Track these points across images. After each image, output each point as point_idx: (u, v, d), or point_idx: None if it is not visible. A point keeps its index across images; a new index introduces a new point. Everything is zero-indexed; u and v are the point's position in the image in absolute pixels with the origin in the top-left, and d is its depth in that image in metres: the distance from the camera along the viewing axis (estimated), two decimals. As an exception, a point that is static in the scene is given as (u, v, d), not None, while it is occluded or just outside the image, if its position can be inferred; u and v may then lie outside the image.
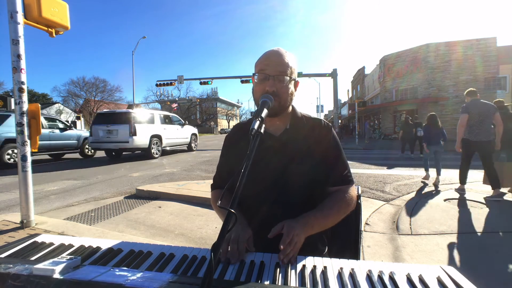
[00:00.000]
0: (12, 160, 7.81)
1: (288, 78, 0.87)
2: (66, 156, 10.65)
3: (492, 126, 3.99)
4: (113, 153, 10.33)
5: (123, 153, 10.52)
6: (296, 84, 0.94)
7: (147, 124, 9.50)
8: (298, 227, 0.79)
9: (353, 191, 0.96)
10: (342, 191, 0.94)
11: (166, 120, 10.88)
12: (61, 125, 9.56)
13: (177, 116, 12.48)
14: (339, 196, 0.92)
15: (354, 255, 1.08)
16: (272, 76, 0.86)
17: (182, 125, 11.88)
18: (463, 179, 4.27)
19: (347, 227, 1.05)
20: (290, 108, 0.97)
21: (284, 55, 0.89)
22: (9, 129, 7.72)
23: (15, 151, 7.80)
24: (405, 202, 3.95)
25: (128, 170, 7.29)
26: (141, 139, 9.06)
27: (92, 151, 10.57)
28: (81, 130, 10.88)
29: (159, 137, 9.95)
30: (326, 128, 0.98)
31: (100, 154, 10.99)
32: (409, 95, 19.76)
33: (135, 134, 8.83)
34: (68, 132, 9.63)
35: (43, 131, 9.09)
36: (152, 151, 9.60)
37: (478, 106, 3.93)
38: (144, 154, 9.81)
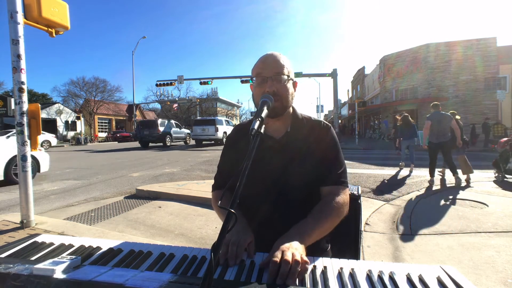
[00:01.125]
0: (169, 143, 16.79)
1: (286, 77, 0.88)
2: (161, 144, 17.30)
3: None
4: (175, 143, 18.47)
5: (203, 142, 17.52)
6: (294, 85, 0.95)
7: (220, 125, 16.67)
8: (289, 242, 0.72)
9: (346, 193, 0.92)
10: (333, 194, 0.89)
11: (227, 122, 18.14)
12: (178, 126, 18.54)
13: (231, 121, 19.76)
14: (330, 199, 0.88)
15: (354, 255, 1.08)
16: (270, 77, 0.87)
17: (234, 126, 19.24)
18: (432, 171, 5.34)
19: (347, 227, 1.04)
20: (291, 110, 0.97)
21: (279, 57, 0.90)
22: (165, 128, 16.63)
23: (168, 139, 16.73)
24: (405, 202, 3.95)
25: (128, 170, 7.30)
26: (219, 134, 16.36)
27: (190, 141, 19.25)
28: (186, 129, 19.99)
29: (226, 133, 16.97)
30: (325, 128, 0.98)
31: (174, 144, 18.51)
32: (409, 95, 19.75)
33: (217, 131, 16.18)
34: (182, 129, 18.88)
35: (177, 129, 18.93)
36: (224, 140, 16.97)
37: (438, 116, 5.20)
38: (218, 143, 16.85)
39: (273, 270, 0.62)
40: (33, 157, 6.08)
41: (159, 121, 16.56)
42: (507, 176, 5.50)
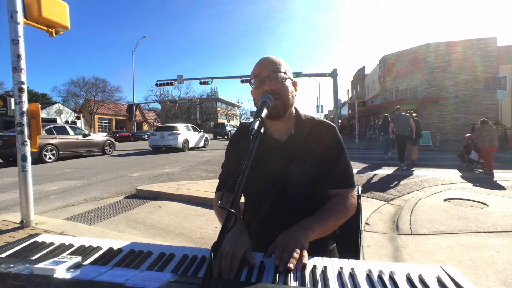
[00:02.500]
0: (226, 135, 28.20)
1: (283, 74, 0.88)
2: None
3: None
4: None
5: None
6: (294, 84, 0.94)
7: None
8: (291, 233, 0.77)
9: (353, 195, 0.93)
10: (341, 195, 0.91)
11: None
12: (233, 127, 29.54)
13: None
14: (337, 200, 0.90)
15: (354, 255, 1.08)
16: (267, 77, 0.87)
17: None
18: (401, 159, 7.17)
19: (347, 227, 1.04)
20: (294, 111, 0.96)
21: (275, 58, 0.91)
22: (228, 127, 29.74)
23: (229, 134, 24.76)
24: (405, 202, 3.95)
25: (128, 170, 7.29)
26: None
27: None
28: (231, 127, 28.07)
29: None
30: (328, 128, 0.97)
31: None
32: (409, 95, 19.73)
33: None
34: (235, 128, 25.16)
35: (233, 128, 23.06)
36: None
37: (400, 117, 7.27)
38: None
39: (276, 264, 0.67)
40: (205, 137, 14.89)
41: (226, 122, 28.23)
42: (470, 165, 6.79)
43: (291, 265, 0.65)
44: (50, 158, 9.23)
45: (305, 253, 0.70)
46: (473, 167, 6.69)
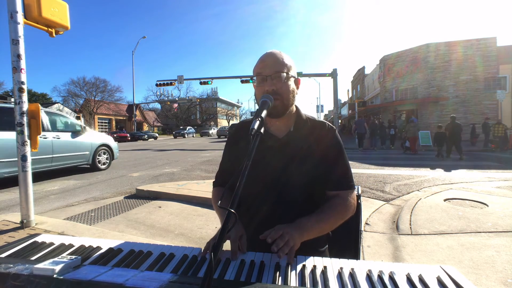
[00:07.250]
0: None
1: (285, 74, 0.86)
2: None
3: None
4: None
5: None
6: (297, 82, 0.92)
7: None
8: (289, 228, 0.78)
9: (353, 197, 0.93)
10: (340, 197, 0.91)
11: None
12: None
13: None
14: (337, 201, 0.90)
15: (354, 255, 1.08)
16: (269, 76, 0.86)
17: None
18: (360, 145, 13.56)
19: (347, 227, 1.04)
20: (294, 109, 0.96)
21: (279, 55, 0.89)
22: None
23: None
24: (405, 202, 3.95)
25: (128, 170, 7.29)
26: None
27: None
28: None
29: None
30: (328, 130, 0.97)
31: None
32: (409, 95, 19.72)
33: None
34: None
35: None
36: None
37: (359, 121, 14.26)
38: None
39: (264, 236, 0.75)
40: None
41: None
42: (406, 151, 11.12)
43: (280, 253, 0.71)
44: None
45: (293, 252, 0.73)
46: (408, 152, 10.88)
